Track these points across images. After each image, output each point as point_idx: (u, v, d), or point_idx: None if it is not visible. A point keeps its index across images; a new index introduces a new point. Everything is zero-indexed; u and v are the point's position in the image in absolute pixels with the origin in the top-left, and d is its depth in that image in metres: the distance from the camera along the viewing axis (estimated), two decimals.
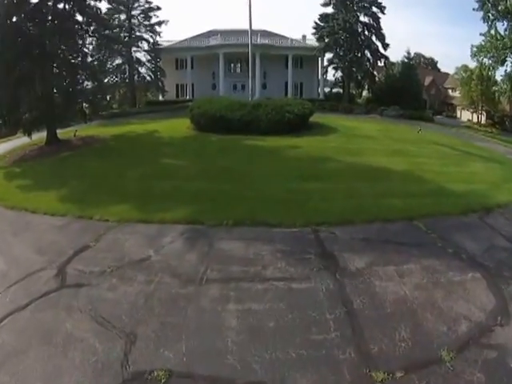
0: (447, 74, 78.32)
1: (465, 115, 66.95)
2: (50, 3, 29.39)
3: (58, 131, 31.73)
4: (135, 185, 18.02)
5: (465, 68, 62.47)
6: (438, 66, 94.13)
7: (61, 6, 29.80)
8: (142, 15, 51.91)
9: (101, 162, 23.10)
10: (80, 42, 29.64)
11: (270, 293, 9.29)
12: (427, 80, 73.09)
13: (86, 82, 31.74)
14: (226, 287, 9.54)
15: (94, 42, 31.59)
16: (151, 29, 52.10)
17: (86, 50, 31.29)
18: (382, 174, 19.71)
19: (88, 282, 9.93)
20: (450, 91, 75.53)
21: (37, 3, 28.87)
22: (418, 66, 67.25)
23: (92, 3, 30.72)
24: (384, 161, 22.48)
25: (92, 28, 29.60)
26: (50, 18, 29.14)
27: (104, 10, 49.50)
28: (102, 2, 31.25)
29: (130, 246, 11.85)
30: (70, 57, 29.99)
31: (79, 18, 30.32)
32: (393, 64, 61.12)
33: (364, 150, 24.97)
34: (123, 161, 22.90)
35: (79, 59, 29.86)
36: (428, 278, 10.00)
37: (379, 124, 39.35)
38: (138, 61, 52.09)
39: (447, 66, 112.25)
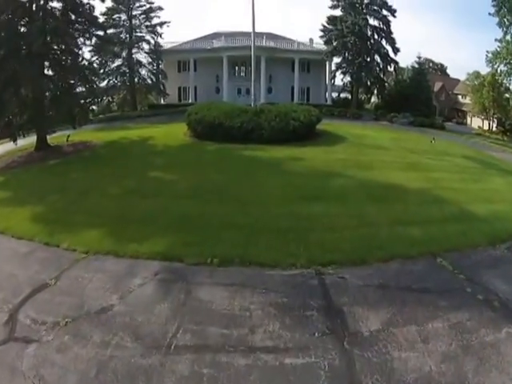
0: (457, 80, 76.07)
1: (475, 122, 65.05)
2: (41, 1, 27.33)
3: (52, 135, 30.10)
4: (116, 203, 15.75)
5: (477, 74, 60.57)
6: (447, 71, 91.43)
7: (53, 4, 27.93)
8: (143, 15, 49.55)
9: (86, 173, 21.08)
10: (71, 41, 27.30)
11: (255, 372, 6.94)
12: (437, 86, 70.89)
13: (79, 85, 29.66)
14: (200, 360, 7.21)
15: (86, 43, 29.17)
16: (152, 30, 49.89)
17: (77, 51, 28.93)
18: (397, 194, 17.28)
19: (38, 336, 7.99)
20: (460, 97, 73.35)
21: (26, 0, 26.79)
22: (427, 72, 64.29)
23: (85, 1, 28.55)
24: (398, 176, 20.13)
25: (84, 27, 27.26)
26: (40, 15, 27.11)
27: (103, 10, 48.58)
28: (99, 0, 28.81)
29: (93, 289, 9.63)
30: (60, 57, 27.74)
31: (73, 16, 28.25)
32: (402, 69, 58.74)
33: (375, 163, 22.55)
34: (110, 172, 20.68)
35: (69, 60, 27.47)
36: (457, 341, 7.69)
37: (390, 132, 36.98)
38: (139, 63, 49.82)
39: (455, 71, 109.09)
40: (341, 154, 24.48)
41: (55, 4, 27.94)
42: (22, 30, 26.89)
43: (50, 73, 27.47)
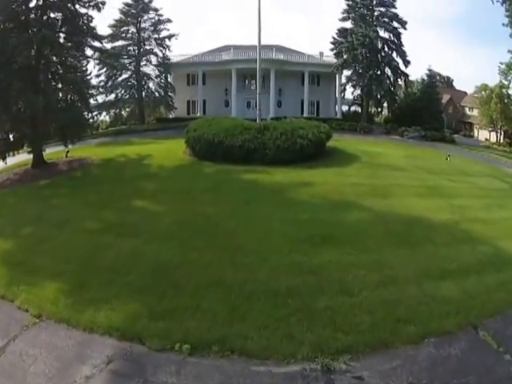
0: (464, 93, 72.92)
1: (482, 134, 62.28)
2: (33, 12, 24.65)
3: (55, 150, 27.99)
4: (88, 243, 12.79)
5: (484, 87, 57.77)
6: (454, 84, 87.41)
7: (52, 15, 25.22)
8: (151, 28, 46.76)
9: (70, 200, 18.48)
10: (64, 53, 24.53)
11: None
12: (444, 98, 67.64)
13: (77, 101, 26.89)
14: None
15: (86, 54, 26.42)
16: (161, 42, 46.98)
17: (75, 64, 26.14)
18: (422, 230, 14.07)
19: None
20: (467, 110, 70.28)
21: (17, 10, 24.10)
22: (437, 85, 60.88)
23: (83, 11, 25.79)
24: (419, 205, 17.02)
25: (79, 39, 24.46)
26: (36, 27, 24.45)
27: (112, 22, 46.04)
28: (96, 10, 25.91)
29: (35, 375, 7.04)
30: (55, 71, 24.99)
31: (68, 27, 25.53)
32: (410, 82, 55.45)
33: (393, 188, 19.36)
34: (94, 200, 17.79)
35: (66, 74, 24.69)
36: None
37: (403, 148, 33.68)
38: (147, 76, 47.01)
39: (461, 83, 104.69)
40: (354, 176, 21.21)
41: (53, 15, 25.37)
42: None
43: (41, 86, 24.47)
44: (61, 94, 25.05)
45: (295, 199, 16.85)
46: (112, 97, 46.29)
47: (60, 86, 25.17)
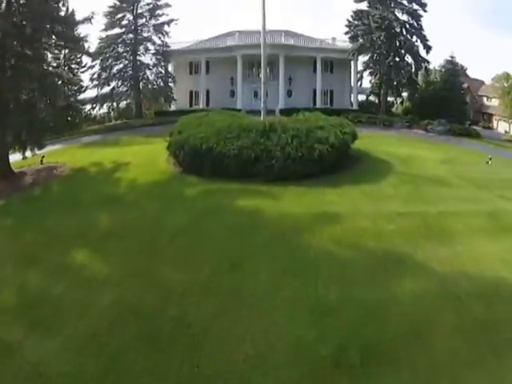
0: (481, 82, 65.15)
1: (501, 126, 54.91)
2: None
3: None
4: None
5: (506, 76, 50.09)
6: (467, 72, 78.65)
7: None
8: (148, 13, 39.87)
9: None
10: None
11: None
12: None
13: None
14: None
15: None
16: (159, 28, 40.07)
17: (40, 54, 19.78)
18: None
19: None
20: (485, 100, 62.74)
21: None
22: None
23: None
24: (491, 254, 11.10)
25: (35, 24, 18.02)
26: None
27: (106, 9, 39.36)
28: None
29: None
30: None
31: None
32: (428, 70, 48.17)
33: (448, 220, 13.23)
34: (28, 241, 12.00)
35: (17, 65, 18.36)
36: None
37: (434, 148, 27.08)
38: (145, 65, 40.25)
39: (475, 72, 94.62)
40: (393, 199, 14.91)
41: None
42: None
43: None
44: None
45: (313, 253, 10.52)
46: (107, 89, 39.71)
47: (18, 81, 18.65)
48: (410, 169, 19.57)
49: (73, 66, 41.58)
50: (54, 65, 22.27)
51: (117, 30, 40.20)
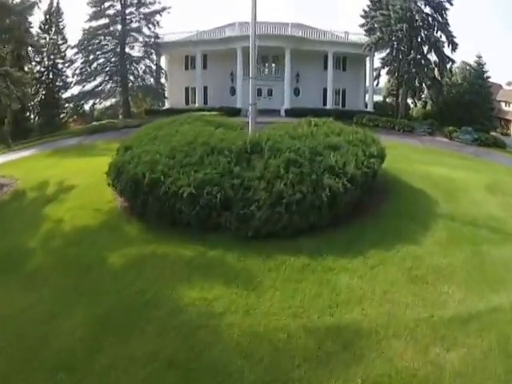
0: (499, 85, 57.90)
1: None
2: None
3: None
4: None
5: None
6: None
7: None
8: (134, 1, 33.20)
9: None
10: None
11: None
12: None
13: None
14: None
15: None
16: (149, 18, 33.42)
17: None
18: None
19: None
20: (503, 105, 55.80)
21: None
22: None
23: None
24: None
25: None
26: None
27: None
28: None
29: None
30: None
31: None
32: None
33: None
34: None
35: None
36: None
37: (472, 167, 20.37)
38: (133, 60, 33.76)
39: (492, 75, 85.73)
40: (447, 282, 8.41)
41: None
42: None
43: None
44: None
45: None
46: (90, 86, 33.46)
47: None
48: (457, 206, 12.94)
49: (58, 60, 36.26)
50: None
51: (103, 21, 33.71)
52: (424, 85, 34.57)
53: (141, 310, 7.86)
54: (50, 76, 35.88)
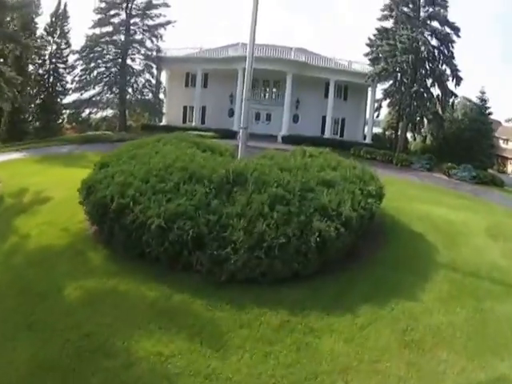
0: (498, 122, 57.54)
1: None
2: None
3: None
4: None
5: None
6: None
7: None
8: (142, 11, 32.69)
9: None
10: None
11: None
12: None
13: None
14: None
15: None
16: (153, 30, 32.85)
17: None
18: None
19: None
20: (501, 142, 55.45)
21: None
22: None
23: None
24: None
25: None
26: None
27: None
28: None
29: None
30: None
31: None
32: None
33: None
34: None
35: None
36: None
37: (472, 207, 19.21)
38: (134, 72, 32.98)
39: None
40: (449, 351, 7.15)
41: None
42: None
43: None
44: None
45: None
46: (88, 94, 32.61)
47: None
48: (459, 253, 11.75)
49: (60, 65, 35.59)
50: None
51: (107, 29, 33.15)
52: (425, 118, 33.75)
53: (89, 357, 6.67)
54: (51, 80, 35.34)
